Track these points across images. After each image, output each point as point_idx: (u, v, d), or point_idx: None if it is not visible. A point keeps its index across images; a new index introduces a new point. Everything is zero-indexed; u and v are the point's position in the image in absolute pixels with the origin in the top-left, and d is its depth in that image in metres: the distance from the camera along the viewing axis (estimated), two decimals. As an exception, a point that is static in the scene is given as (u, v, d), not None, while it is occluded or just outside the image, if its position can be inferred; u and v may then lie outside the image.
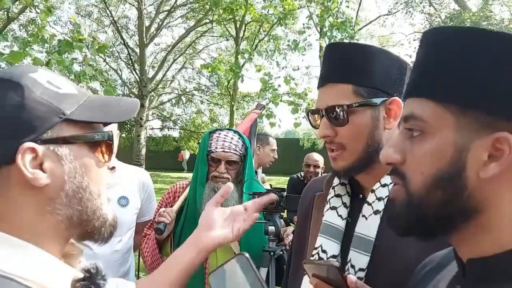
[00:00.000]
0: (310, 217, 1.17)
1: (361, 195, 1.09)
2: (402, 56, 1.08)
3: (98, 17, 20.19)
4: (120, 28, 18.25)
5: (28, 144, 0.61)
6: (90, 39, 4.96)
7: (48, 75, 0.68)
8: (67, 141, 0.65)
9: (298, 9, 12.11)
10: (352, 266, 0.99)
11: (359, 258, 0.98)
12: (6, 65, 4.11)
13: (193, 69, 21.54)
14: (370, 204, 1.03)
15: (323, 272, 0.86)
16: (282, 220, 1.93)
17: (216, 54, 20.23)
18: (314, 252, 1.06)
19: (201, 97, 21.11)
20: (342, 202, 1.09)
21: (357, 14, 17.00)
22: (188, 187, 1.97)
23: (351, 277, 0.84)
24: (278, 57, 12.96)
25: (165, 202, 2.02)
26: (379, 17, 21.70)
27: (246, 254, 0.83)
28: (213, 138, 1.90)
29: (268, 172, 4.69)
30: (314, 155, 4.61)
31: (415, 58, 0.67)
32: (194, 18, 18.78)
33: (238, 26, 15.25)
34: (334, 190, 1.12)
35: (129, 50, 17.79)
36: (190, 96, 21.01)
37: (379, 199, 1.01)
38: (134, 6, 17.92)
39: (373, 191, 1.03)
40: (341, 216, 1.07)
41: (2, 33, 6.64)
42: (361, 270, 0.97)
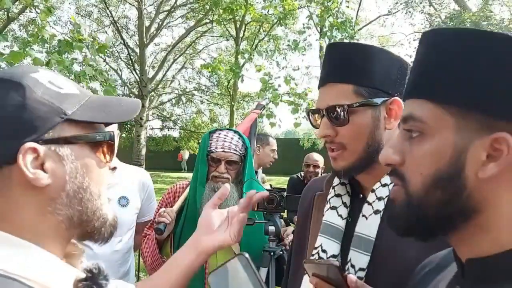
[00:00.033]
0: (310, 217, 1.17)
1: (361, 195, 1.09)
2: (402, 56, 1.08)
3: (98, 17, 20.20)
4: (120, 28, 18.26)
5: (29, 144, 0.61)
6: (90, 39, 4.95)
7: (49, 75, 0.68)
8: (69, 141, 0.65)
9: (298, 9, 12.11)
10: (352, 266, 0.99)
11: (359, 258, 0.98)
12: (6, 65, 4.11)
13: (193, 69, 21.56)
14: (370, 203, 1.02)
15: (323, 271, 0.86)
16: (282, 220, 1.93)
17: (216, 54, 20.25)
18: (314, 251, 1.06)
19: (201, 97, 21.11)
20: (342, 201, 1.09)
21: (357, 14, 17.01)
22: (188, 187, 1.97)
23: (351, 276, 0.84)
24: (278, 57, 12.96)
25: (165, 202, 2.01)
26: (379, 17, 21.73)
27: (246, 254, 0.83)
28: (213, 138, 1.90)
29: (268, 172, 4.69)
30: (314, 155, 4.61)
31: (414, 59, 0.67)
32: (194, 18, 18.79)
33: (238, 26, 15.25)
34: (334, 190, 1.12)
35: (129, 50, 17.80)
36: (190, 96, 21.01)
37: (379, 199, 1.01)
38: (134, 6, 17.94)
39: (373, 191, 1.03)
40: (341, 215, 1.07)
41: (2, 33, 6.64)
42: (361, 269, 0.97)
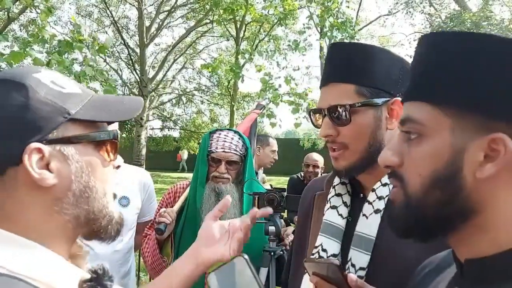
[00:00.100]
0: (311, 216, 1.17)
1: (361, 195, 1.09)
2: (403, 56, 1.08)
3: (99, 17, 20.20)
4: (120, 28, 18.27)
5: (34, 144, 0.61)
6: (90, 40, 4.95)
7: (51, 75, 0.68)
8: (73, 140, 0.65)
9: (299, 9, 12.11)
10: (352, 265, 0.99)
11: (360, 257, 0.98)
12: (7, 65, 4.11)
13: (193, 69, 21.55)
14: (370, 203, 1.03)
15: (323, 270, 0.86)
16: (282, 220, 1.93)
17: (216, 54, 20.24)
18: (315, 251, 1.07)
19: (201, 97, 21.10)
20: (343, 201, 1.09)
21: (357, 14, 17.02)
22: (188, 187, 1.97)
23: (352, 275, 0.84)
24: (278, 57, 12.95)
25: (165, 202, 2.01)
26: (379, 17, 21.74)
27: (245, 256, 0.84)
28: (213, 138, 1.90)
29: (268, 172, 4.68)
30: (313, 155, 4.61)
31: (412, 62, 0.67)
32: (194, 18, 18.79)
33: (239, 26, 15.24)
34: (335, 189, 1.12)
35: (129, 50, 17.80)
36: (191, 96, 21.01)
37: (380, 198, 1.01)
38: (134, 6, 17.94)
39: (373, 190, 1.03)
40: (341, 215, 1.07)
41: (3, 33, 6.64)
42: (361, 269, 0.97)
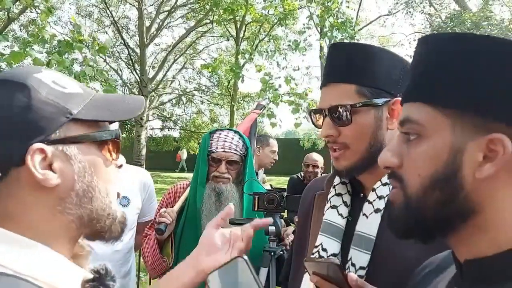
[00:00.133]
0: (311, 216, 1.17)
1: (362, 194, 1.09)
2: (403, 56, 1.08)
3: (99, 17, 20.18)
4: (120, 28, 18.25)
5: (37, 145, 0.61)
6: (90, 40, 4.95)
7: (53, 75, 0.67)
8: (75, 140, 0.65)
9: (299, 9, 12.11)
10: (352, 265, 0.99)
11: (360, 257, 0.99)
12: (7, 65, 4.11)
13: (193, 69, 21.53)
14: (371, 202, 1.03)
15: (324, 269, 0.86)
16: (283, 220, 1.93)
17: (216, 54, 20.22)
18: (315, 250, 1.07)
19: (201, 97, 21.09)
20: (343, 201, 1.09)
21: (357, 14, 17.01)
22: (188, 188, 1.97)
23: (352, 275, 0.84)
24: (278, 57, 12.95)
25: (165, 203, 2.01)
26: (379, 17, 21.72)
27: (245, 257, 0.83)
28: (213, 138, 1.91)
29: (268, 172, 4.68)
30: (313, 155, 4.61)
31: (411, 63, 0.67)
32: (194, 18, 18.77)
33: (239, 26, 15.24)
34: (335, 189, 1.12)
35: (129, 50, 17.78)
36: (191, 96, 20.99)
37: (380, 198, 1.02)
38: (134, 6, 17.92)
39: (374, 190, 1.03)
40: (341, 214, 1.07)
41: (3, 33, 6.64)
42: (361, 268, 0.97)
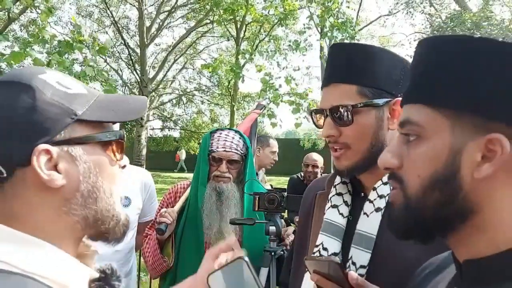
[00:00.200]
0: (312, 215, 1.18)
1: (362, 194, 1.09)
2: (403, 56, 1.09)
3: (99, 17, 20.20)
4: (120, 28, 18.26)
5: (42, 146, 0.61)
6: (91, 40, 4.96)
7: (57, 76, 0.68)
8: (80, 141, 0.65)
9: (299, 9, 12.10)
10: (353, 263, 0.99)
11: (360, 255, 0.99)
12: (7, 65, 4.11)
13: (193, 69, 21.52)
14: (371, 201, 1.03)
15: (324, 268, 0.87)
16: (283, 220, 1.93)
17: (216, 54, 20.21)
18: (315, 249, 1.07)
19: (201, 97, 21.09)
20: (343, 200, 1.10)
21: (357, 15, 17.03)
22: (189, 188, 1.97)
23: (352, 273, 0.84)
24: (278, 57, 12.94)
25: (166, 202, 2.02)
26: (380, 17, 21.74)
27: (245, 257, 0.83)
28: (214, 138, 1.91)
29: (268, 172, 4.68)
30: (313, 155, 4.61)
31: (411, 65, 0.68)
32: (194, 18, 18.77)
33: (239, 26, 15.23)
34: (336, 189, 1.13)
35: (129, 50, 17.79)
36: (191, 96, 20.99)
37: (381, 197, 1.02)
38: (134, 6, 17.93)
39: (374, 189, 1.04)
40: (342, 214, 1.08)
41: (3, 33, 6.64)
42: (362, 267, 0.98)
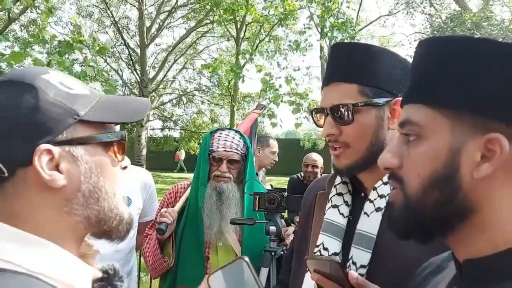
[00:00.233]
0: (312, 215, 1.18)
1: (362, 194, 1.09)
2: (404, 56, 1.09)
3: (99, 17, 20.20)
4: (121, 28, 18.24)
5: (44, 146, 0.61)
6: (91, 40, 4.95)
7: (59, 76, 0.68)
8: (82, 141, 0.65)
9: (299, 9, 12.10)
10: (353, 263, 1.00)
11: (361, 255, 0.99)
12: (7, 65, 4.11)
13: (193, 69, 21.52)
14: (372, 201, 1.03)
15: (325, 267, 0.87)
16: (283, 220, 1.93)
17: (216, 54, 20.20)
18: (316, 249, 1.07)
19: (201, 97, 21.08)
20: (344, 200, 1.10)
21: (357, 15, 17.02)
22: (189, 188, 1.97)
23: (352, 273, 0.85)
24: (278, 57, 12.94)
25: (166, 202, 2.02)
26: (380, 17, 21.72)
27: (246, 258, 0.84)
28: (214, 138, 1.91)
29: (268, 172, 4.68)
30: (312, 155, 4.61)
31: (411, 66, 0.68)
32: (195, 18, 18.77)
33: (239, 26, 15.23)
34: (336, 189, 1.13)
35: (130, 50, 17.77)
36: (191, 96, 20.99)
37: (381, 197, 1.02)
38: (135, 6, 17.92)
39: (375, 189, 1.04)
40: (342, 214, 1.08)
41: (3, 33, 6.64)
42: (362, 266, 0.98)
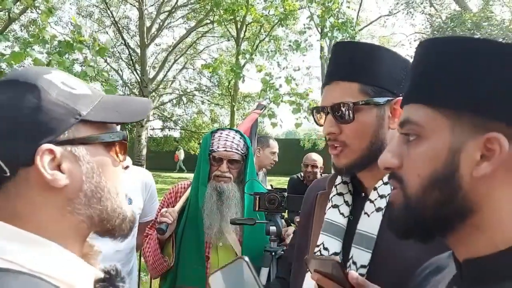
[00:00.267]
0: (313, 215, 1.18)
1: (363, 194, 1.09)
2: (404, 56, 1.09)
3: (99, 17, 20.19)
4: (121, 28, 18.23)
5: (46, 145, 0.61)
6: (91, 40, 4.95)
7: (62, 76, 0.68)
8: (84, 141, 0.66)
9: (299, 9, 12.09)
10: (354, 263, 1.00)
11: (361, 255, 0.99)
12: (7, 65, 4.11)
13: (194, 69, 21.51)
14: (372, 201, 1.03)
15: (325, 267, 0.87)
16: (283, 220, 1.93)
17: (217, 54, 20.19)
18: (316, 249, 1.07)
19: (202, 97, 21.08)
20: (344, 200, 1.10)
21: (357, 15, 17.03)
22: (189, 187, 1.97)
23: (353, 272, 0.85)
24: (278, 57, 12.94)
25: (166, 202, 2.02)
26: (380, 17, 21.74)
27: (246, 258, 0.84)
28: (215, 138, 1.91)
29: (268, 172, 4.68)
30: (312, 155, 4.61)
31: (411, 66, 0.68)
32: (195, 18, 18.76)
33: (239, 26, 15.23)
34: (336, 189, 1.13)
35: (130, 50, 17.76)
36: (191, 96, 20.98)
37: (382, 197, 1.02)
38: (135, 6, 17.92)
39: (375, 189, 1.04)
40: (342, 214, 1.08)
41: (4, 33, 6.63)
42: (362, 266, 0.98)
